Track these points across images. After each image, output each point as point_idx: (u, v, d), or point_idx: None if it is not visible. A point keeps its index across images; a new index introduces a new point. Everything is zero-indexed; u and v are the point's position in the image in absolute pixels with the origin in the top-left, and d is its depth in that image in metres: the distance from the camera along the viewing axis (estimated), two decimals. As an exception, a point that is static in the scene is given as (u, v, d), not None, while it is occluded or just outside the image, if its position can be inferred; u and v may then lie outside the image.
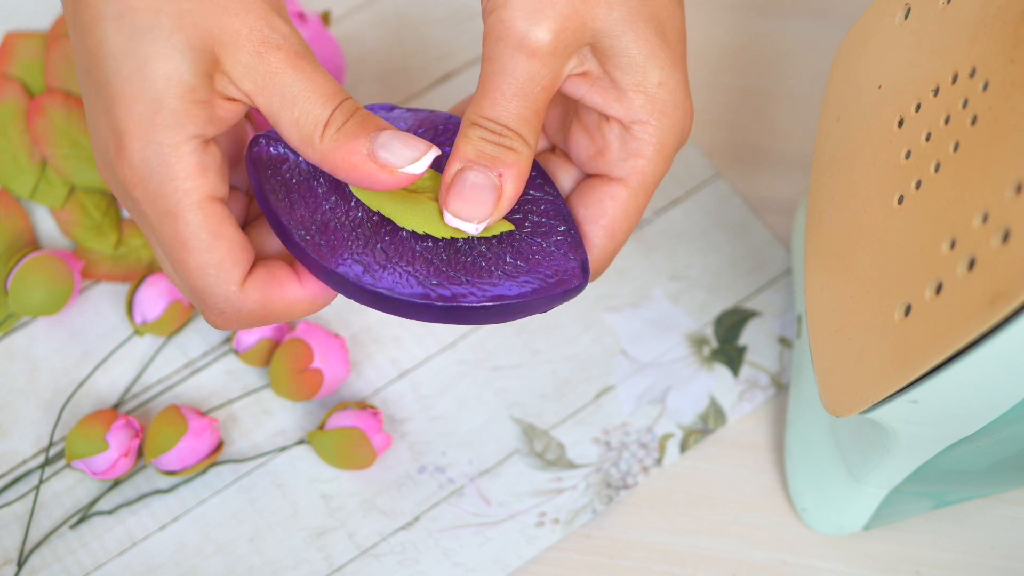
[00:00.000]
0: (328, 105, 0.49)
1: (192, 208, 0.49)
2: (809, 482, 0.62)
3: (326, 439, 0.62)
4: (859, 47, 0.55)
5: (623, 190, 0.53)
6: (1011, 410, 0.49)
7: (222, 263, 0.50)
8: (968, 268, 0.45)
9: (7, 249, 0.66)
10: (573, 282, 0.52)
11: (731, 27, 0.73)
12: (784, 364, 0.66)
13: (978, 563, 0.62)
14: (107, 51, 0.48)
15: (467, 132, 0.51)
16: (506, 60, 0.50)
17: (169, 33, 0.48)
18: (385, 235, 0.51)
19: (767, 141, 0.70)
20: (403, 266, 0.51)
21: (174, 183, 0.49)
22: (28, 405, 0.64)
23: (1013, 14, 0.47)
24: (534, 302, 0.51)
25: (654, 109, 0.52)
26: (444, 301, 0.50)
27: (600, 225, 0.53)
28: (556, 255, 0.52)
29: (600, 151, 0.53)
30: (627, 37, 0.51)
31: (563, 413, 0.65)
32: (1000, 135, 0.45)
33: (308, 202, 0.52)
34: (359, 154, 0.49)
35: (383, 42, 0.72)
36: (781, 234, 0.68)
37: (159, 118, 0.48)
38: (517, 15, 0.50)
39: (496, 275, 0.51)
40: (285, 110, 0.49)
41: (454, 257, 0.51)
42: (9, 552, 0.61)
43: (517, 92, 0.50)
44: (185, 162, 0.49)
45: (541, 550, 0.62)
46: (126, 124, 0.48)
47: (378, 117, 0.50)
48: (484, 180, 0.50)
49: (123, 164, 0.49)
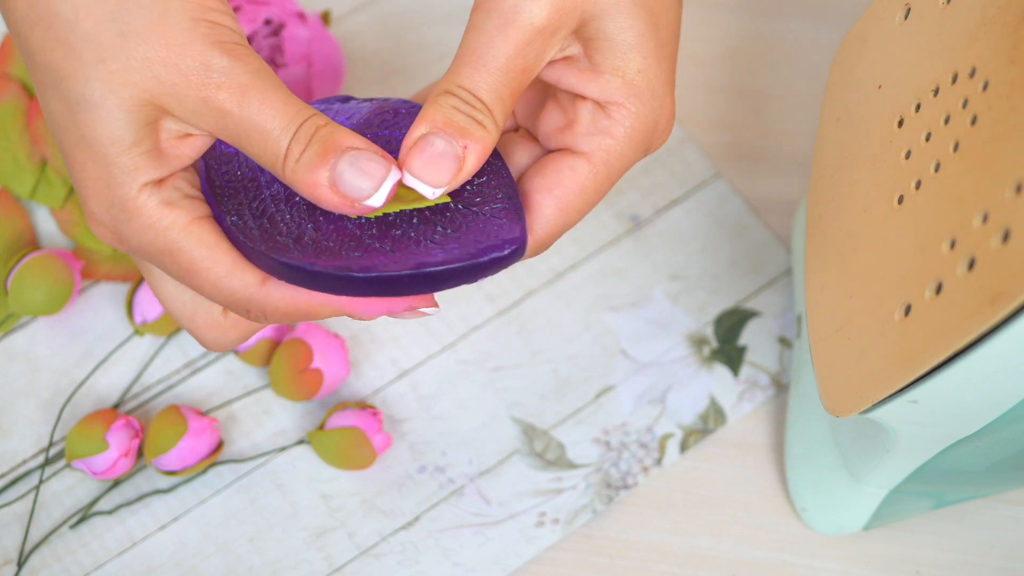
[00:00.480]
0: (284, 136, 0.48)
1: (180, 237, 0.49)
2: (809, 482, 0.62)
3: (326, 439, 0.62)
4: (859, 47, 0.55)
5: (585, 164, 0.51)
6: (1011, 410, 0.49)
7: (232, 269, 0.50)
8: (968, 268, 0.45)
9: (7, 249, 0.66)
10: (504, 248, 0.49)
11: (731, 27, 0.73)
12: (784, 364, 0.66)
13: (978, 563, 0.62)
14: (53, 119, 0.49)
15: (439, 99, 0.49)
16: (494, 33, 0.49)
17: (101, 98, 0.47)
18: (320, 215, 0.51)
19: (767, 141, 0.70)
20: (329, 243, 0.50)
21: (151, 228, 0.49)
22: (28, 405, 0.64)
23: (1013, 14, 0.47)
24: (462, 269, 0.49)
25: (630, 93, 0.50)
26: (363, 271, 0.49)
27: (554, 195, 0.51)
28: (492, 223, 0.50)
29: (568, 124, 0.51)
30: (617, 21, 0.50)
31: (563, 413, 0.65)
32: (1000, 135, 0.45)
33: (249, 190, 0.51)
34: (321, 187, 0.48)
35: (383, 42, 0.72)
36: (781, 234, 0.68)
37: (111, 178, 0.48)
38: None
39: (424, 244, 0.49)
40: (246, 147, 0.48)
41: (385, 232, 0.50)
42: (9, 552, 0.61)
43: (499, 68, 0.49)
44: (149, 206, 0.48)
45: (541, 550, 0.62)
46: (86, 190, 0.49)
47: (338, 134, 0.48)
48: (448, 148, 0.49)
49: (96, 225, 0.50)
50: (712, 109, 0.71)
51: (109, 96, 0.47)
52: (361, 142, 0.48)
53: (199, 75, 0.47)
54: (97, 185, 0.49)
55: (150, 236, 0.49)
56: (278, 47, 0.66)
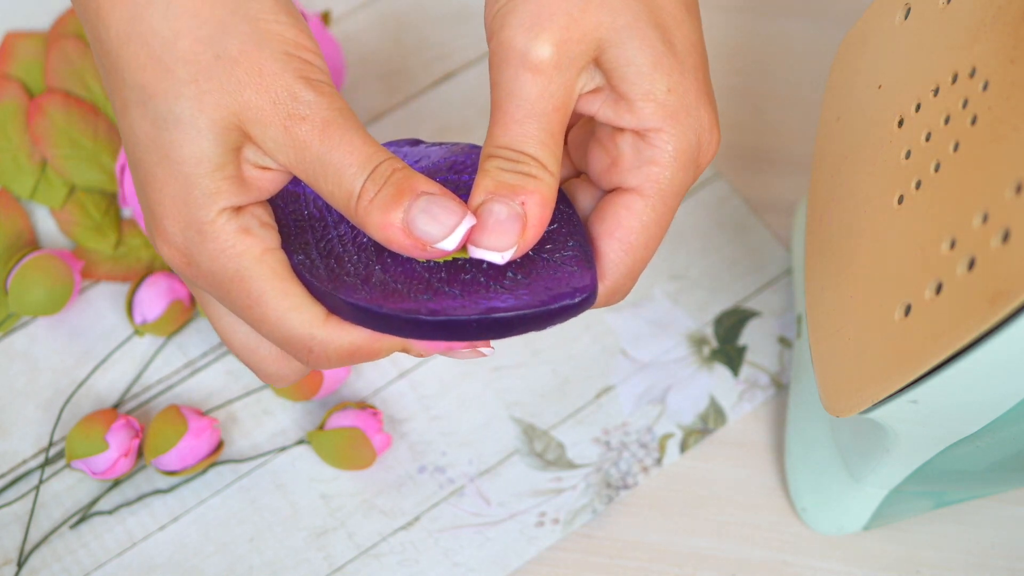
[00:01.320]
0: (359, 175, 0.48)
1: (253, 265, 0.49)
2: (809, 482, 0.62)
3: (326, 439, 0.62)
4: (859, 47, 0.55)
5: (638, 200, 0.50)
6: (1011, 410, 0.49)
7: (300, 305, 0.49)
8: (968, 268, 0.45)
9: (7, 249, 0.66)
10: (576, 296, 0.49)
11: (731, 27, 0.73)
12: (784, 364, 0.66)
13: (978, 563, 0.62)
14: (136, 138, 0.49)
15: (484, 165, 0.49)
16: (512, 82, 0.49)
17: (191, 117, 0.47)
18: (387, 256, 0.51)
19: (767, 141, 0.70)
20: (398, 285, 0.50)
21: (225, 253, 0.49)
22: (28, 405, 0.64)
23: (1013, 14, 0.47)
24: (531, 316, 0.49)
25: (666, 115, 0.50)
26: (432, 314, 0.49)
27: (615, 238, 0.50)
28: (562, 270, 0.50)
29: (614, 161, 0.51)
30: (632, 44, 0.49)
31: (563, 413, 0.65)
32: (1000, 135, 0.45)
33: (316, 230, 0.51)
34: (393, 228, 0.48)
35: (383, 42, 0.72)
36: (781, 234, 0.68)
37: (191, 198, 0.48)
38: (516, 33, 0.49)
39: (494, 290, 0.49)
40: (320, 182, 0.48)
41: (453, 274, 0.50)
42: (9, 552, 0.61)
43: (528, 113, 0.49)
44: (226, 232, 0.48)
45: (541, 550, 0.62)
46: (162, 208, 0.49)
47: (414, 178, 0.48)
48: (507, 211, 0.48)
49: (167, 246, 0.49)
50: (712, 109, 0.71)
51: (200, 116, 0.47)
52: (435, 187, 0.48)
53: (286, 104, 0.48)
54: (175, 204, 0.48)
55: (222, 261, 0.49)
56: (278, 47, 0.66)
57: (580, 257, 0.50)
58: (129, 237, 0.66)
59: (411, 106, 0.70)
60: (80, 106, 0.68)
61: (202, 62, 0.47)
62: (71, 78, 0.68)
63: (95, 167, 0.67)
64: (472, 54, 0.72)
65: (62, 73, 0.69)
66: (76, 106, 0.68)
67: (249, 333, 0.52)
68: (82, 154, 0.67)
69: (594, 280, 0.49)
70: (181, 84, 0.47)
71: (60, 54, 0.69)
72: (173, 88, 0.47)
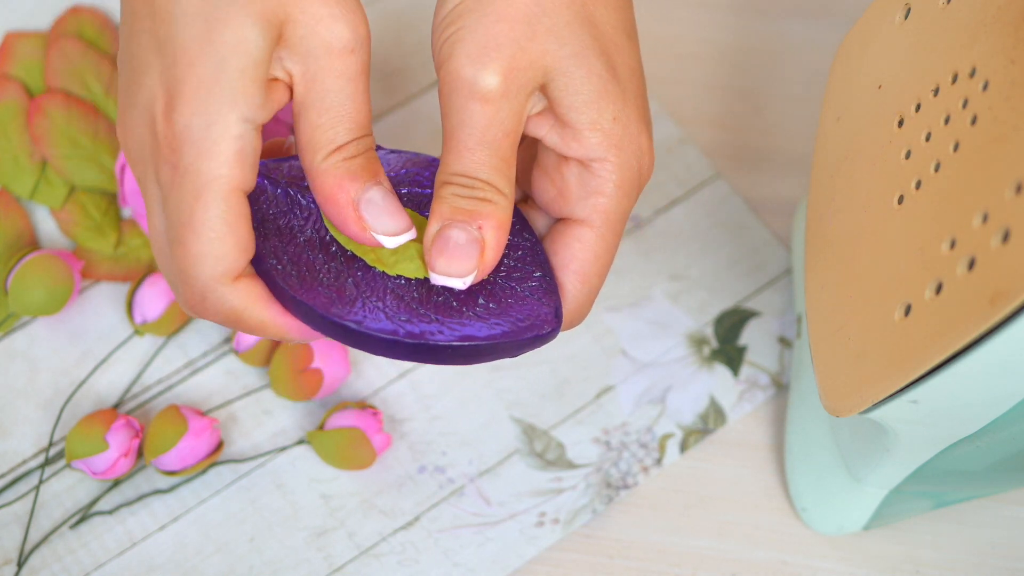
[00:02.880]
0: (352, 132, 0.49)
1: (217, 195, 0.48)
2: (809, 482, 0.62)
3: (326, 439, 0.62)
4: (859, 47, 0.55)
5: (588, 231, 0.52)
6: (1011, 410, 0.49)
7: (224, 256, 0.49)
8: (968, 268, 0.45)
9: (7, 249, 0.66)
10: (544, 328, 0.51)
11: (731, 27, 0.73)
12: (784, 364, 0.66)
13: (978, 563, 0.62)
14: (179, 8, 0.47)
15: (439, 192, 0.50)
16: (462, 111, 0.50)
17: (246, 1, 0.47)
18: (358, 269, 0.51)
19: (767, 141, 0.70)
20: (373, 300, 0.50)
21: (209, 163, 0.48)
22: (28, 405, 0.64)
23: (1013, 14, 0.47)
24: (503, 345, 0.50)
25: (610, 145, 0.51)
26: (412, 338, 0.49)
27: (571, 271, 0.52)
28: (529, 300, 0.51)
29: (560, 192, 0.52)
30: (578, 74, 0.50)
31: (563, 413, 0.65)
32: (1000, 135, 0.45)
33: (283, 234, 0.51)
34: (345, 194, 0.49)
35: (383, 42, 0.72)
36: (781, 234, 0.68)
37: (217, 88, 0.47)
38: (464, 63, 0.49)
39: (467, 315, 0.51)
40: (315, 110, 0.49)
41: (426, 296, 0.51)
42: (9, 552, 0.61)
43: (479, 141, 0.50)
44: (227, 145, 0.48)
45: (541, 550, 0.62)
46: (183, 86, 0.47)
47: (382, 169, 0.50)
48: (465, 236, 0.49)
49: (167, 123, 0.48)
50: (712, 109, 0.71)
51: (256, 3, 0.47)
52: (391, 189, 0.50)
53: (345, 28, 0.48)
54: (198, 88, 0.47)
55: (200, 167, 0.48)
56: (278, 47, 0.66)
57: (545, 288, 0.52)
58: (129, 237, 0.66)
59: (411, 106, 0.70)
60: (80, 106, 0.68)
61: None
62: (71, 78, 0.68)
63: (95, 167, 0.67)
64: (472, 54, 0.72)
65: (62, 73, 0.69)
66: (76, 106, 0.68)
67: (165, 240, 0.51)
68: (82, 154, 0.67)
69: (560, 311, 0.51)
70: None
71: (60, 54, 0.69)
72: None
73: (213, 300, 0.50)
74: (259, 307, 0.50)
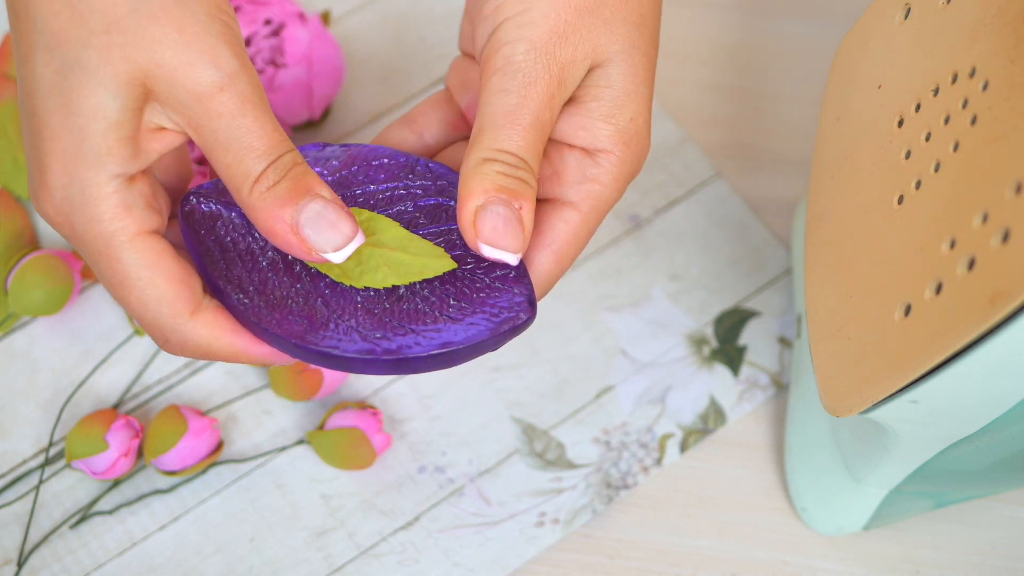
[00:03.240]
0: (264, 159, 0.48)
1: (123, 247, 0.48)
2: (809, 482, 0.62)
3: (326, 439, 0.62)
4: (859, 47, 0.55)
5: (575, 214, 0.52)
6: (1011, 410, 0.49)
7: (163, 298, 0.49)
8: (968, 268, 0.45)
9: (7, 249, 0.66)
10: (520, 318, 0.51)
11: (731, 27, 0.73)
12: (784, 364, 0.66)
13: (978, 563, 0.62)
14: (37, 83, 0.48)
15: (482, 168, 0.49)
16: (522, 93, 0.49)
17: (96, 67, 0.47)
18: (325, 287, 0.51)
19: (767, 141, 0.70)
20: (345, 319, 0.50)
21: (100, 225, 0.48)
22: (28, 405, 0.64)
23: (1013, 14, 0.47)
24: (482, 343, 0.50)
25: (620, 140, 0.51)
26: (390, 355, 0.49)
27: (551, 250, 0.52)
28: (501, 291, 0.51)
29: (556, 173, 0.52)
30: (619, 69, 0.51)
31: (563, 413, 0.65)
32: (1000, 135, 0.45)
33: (244, 261, 0.51)
34: (282, 222, 0.48)
35: (383, 42, 0.72)
36: (781, 234, 0.68)
37: (81, 154, 0.47)
38: (535, 47, 0.50)
39: (440, 319, 0.50)
40: (218, 153, 0.48)
41: (396, 304, 0.50)
42: (9, 552, 0.61)
43: (531, 125, 0.50)
44: (108, 202, 0.48)
45: (541, 550, 0.62)
46: (50, 159, 0.48)
47: (310, 177, 0.48)
48: (511, 213, 0.49)
49: (47, 200, 0.48)
50: (712, 109, 0.71)
51: (105, 67, 0.46)
52: (330, 193, 0.48)
53: (203, 71, 0.47)
54: (64, 159, 0.48)
55: (95, 231, 0.48)
56: (278, 47, 0.66)
57: (514, 276, 0.51)
58: (129, 237, 0.66)
59: (411, 106, 0.70)
60: (80, 106, 0.68)
61: (118, 13, 0.46)
62: (71, 78, 0.68)
63: (95, 167, 0.67)
64: (472, 54, 0.72)
65: (62, 73, 0.69)
66: (76, 106, 0.68)
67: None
68: (82, 154, 0.67)
69: (532, 298, 0.51)
70: (92, 34, 0.46)
71: (60, 54, 0.69)
72: (83, 37, 0.46)
73: (177, 339, 0.50)
74: (227, 338, 0.50)
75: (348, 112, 0.70)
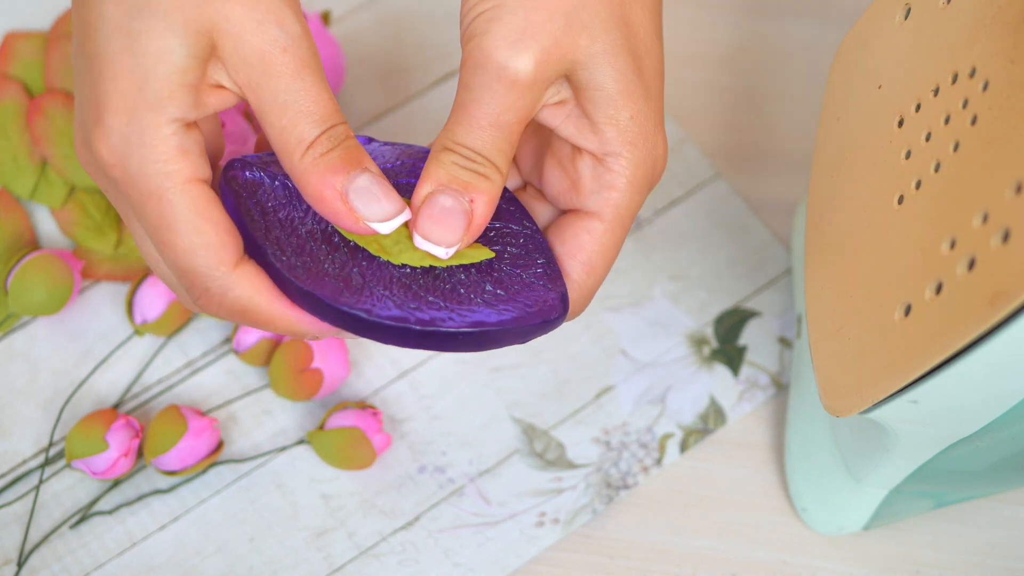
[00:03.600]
0: (319, 125, 0.48)
1: (176, 190, 0.48)
2: (809, 482, 0.62)
3: (326, 439, 0.62)
4: (859, 47, 0.55)
5: (599, 224, 0.52)
6: (1011, 410, 0.49)
7: (211, 244, 0.49)
8: (968, 268, 0.45)
9: (7, 249, 0.66)
10: (553, 313, 0.51)
11: (731, 27, 0.73)
12: (784, 364, 0.66)
13: (978, 563, 0.62)
14: (103, 24, 0.48)
15: (439, 156, 0.50)
16: (484, 89, 0.50)
17: (166, 11, 0.47)
18: (363, 259, 0.51)
19: (767, 141, 0.70)
20: (380, 289, 0.50)
21: (155, 165, 0.48)
22: (28, 405, 0.64)
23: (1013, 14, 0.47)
24: (513, 331, 0.50)
25: (625, 141, 0.51)
26: (422, 325, 0.49)
27: (578, 260, 0.52)
28: (536, 287, 0.52)
29: (573, 184, 0.53)
30: (605, 70, 0.51)
31: (563, 413, 0.65)
32: (1000, 135, 0.45)
33: (284, 226, 0.51)
34: (332, 189, 0.48)
35: (383, 42, 0.72)
36: (781, 234, 0.68)
37: (142, 96, 0.47)
38: (498, 43, 0.49)
39: (475, 302, 0.51)
40: (274, 115, 0.48)
41: (433, 283, 0.51)
42: (9, 552, 0.61)
43: (494, 122, 0.50)
44: (166, 144, 0.48)
45: (541, 550, 0.62)
46: (109, 99, 0.48)
47: (363, 152, 0.49)
48: (455, 204, 0.49)
49: (102, 140, 0.48)
50: (712, 109, 0.71)
51: (176, 12, 0.47)
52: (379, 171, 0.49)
53: (268, 29, 0.47)
54: (125, 99, 0.48)
55: (149, 172, 0.48)
56: (278, 47, 0.66)
57: (550, 275, 0.52)
58: (129, 237, 0.66)
59: (411, 106, 0.70)
60: (80, 106, 0.68)
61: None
62: (71, 78, 0.68)
63: (95, 167, 0.67)
64: (472, 54, 0.72)
65: (62, 73, 0.69)
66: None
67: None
68: (82, 154, 0.67)
69: (566, 297, 0.52)
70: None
71: (60, 54, 0.69)
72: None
73: (216, 290, 0.50)
74: (264, 297, 0.50)
75: (348, 112, 0.70)
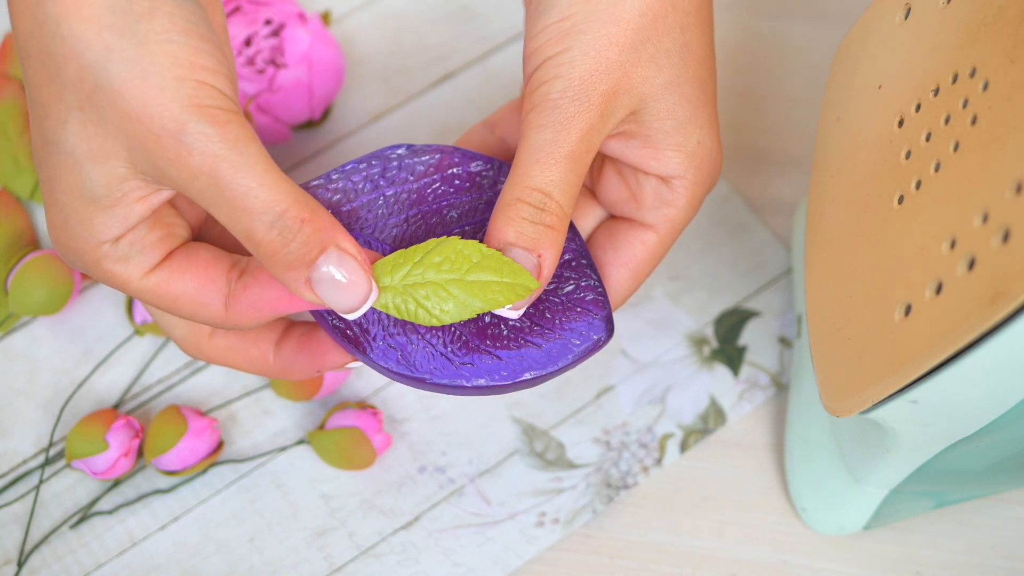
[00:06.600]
0: (258, 220, 0.47)
1: (138, 290, 0.50)
2: (809, 482, 0.62)
3: (326, 439, 0.62)
4: (859, 47, 0.55)
5: (653, 236, 0.54)
6: (1011, 410, 0.49)
7: (180, 322, 0.53)
8: (968, 268, 0.45)
9: (7, 249, 0.66)
10: (600, 342, 0.52)
11: (731, 27, 0.73)
12: (784, 364, 0.66)
13: (978, 563, 0.62)
14: (36, 152, 0.49)
15: (509, 212, 0.50)
16: (558, 129, 0.50)
17: (73, 146, 0.46)
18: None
19: (767, 141, 0.70)
20: (433, 343, 0.51)
21: (113, 279, 0.50)
22: (28, 405, 0.64)
23: (1013, 14, 0.47)
24: (561, 369, 0.52)
25: (691, 165, 0.52)
26: (476, 384, 0.51)
27: (627, 268, 0.54)
28: (580, 313, 0.52)
29: (634, 197, 0.54)
30: (671, 100, 0.51)
31: (563, 413, 0.65)
32: (1000, 135, 0.45)
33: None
34: (298, 284, 0.48)
35: (383, 42, 0.72)
36: (781, 234, 0.68)
37: (68, 226, 0.49)
38: (570, 88, 0.50)
39: (524, 345, 0.51)
40: (215, 212, 0.47)
41: (480, 329, 0.52)
42: (9, 552, 0.61)
43: (566, 156, 0.50)
44: (106, 262, 0.49)
45: (541, 550, 0.62)
46: (48, 223, 0.50)
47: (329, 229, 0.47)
48: (524, 262, 0.50)
49: (64, 256, 0.50)
50: (712, 109, 0.71)
51: (80, 145, 0.46)
52: (351, 242, 0.48)
53: (172, 137, 0.45)
54: (56, 226, 0.49)
55: (114, 284, 0.50)
56: (278, 48, 0.66)
57: (598, 295, 0.53)
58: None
59: (411, 106, 0.70)
60: (80, 106, 0.68)
61: (86, 89, 0.46)
62: (71, 78, 0.68)
63: (95, 167, 0.67)
64: (472, 54, 0.72)
65: (62, 73, 0.69)
66: (76, 106, 0.68)
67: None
68: (82, 154, 0.67)
69: (610, 318, 0.53)
70: (68, 109, 0.46)
71: (60, 54, 0.69)
72: (62, 112, 0.46)
73: (204, 354, 0.54)
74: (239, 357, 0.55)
75: (348, 112, 0.70)
